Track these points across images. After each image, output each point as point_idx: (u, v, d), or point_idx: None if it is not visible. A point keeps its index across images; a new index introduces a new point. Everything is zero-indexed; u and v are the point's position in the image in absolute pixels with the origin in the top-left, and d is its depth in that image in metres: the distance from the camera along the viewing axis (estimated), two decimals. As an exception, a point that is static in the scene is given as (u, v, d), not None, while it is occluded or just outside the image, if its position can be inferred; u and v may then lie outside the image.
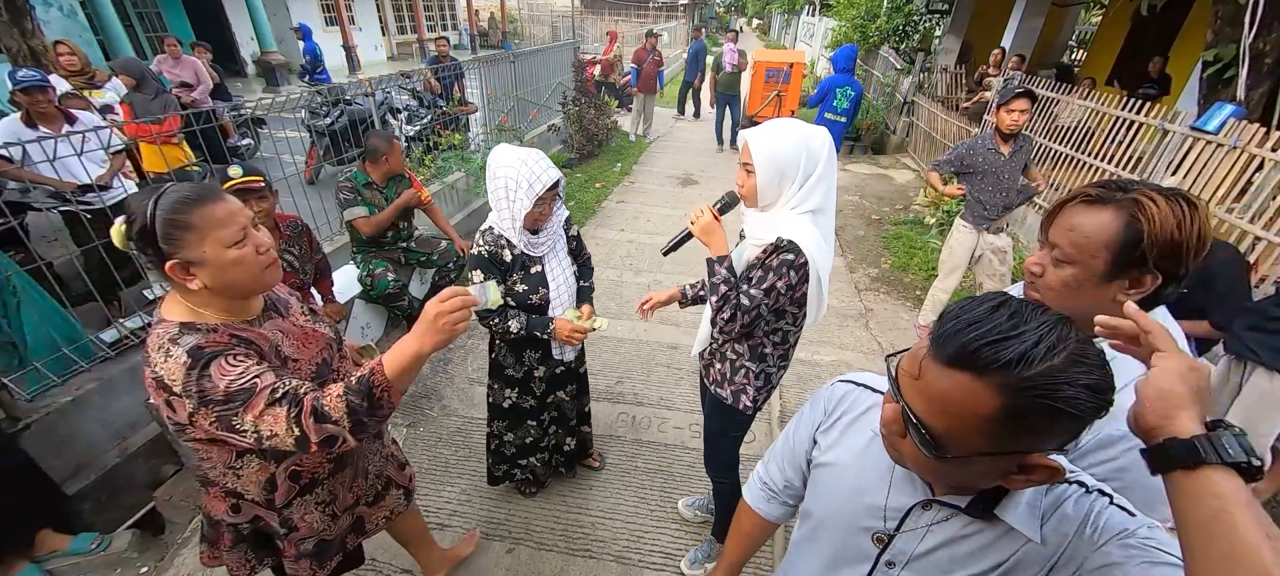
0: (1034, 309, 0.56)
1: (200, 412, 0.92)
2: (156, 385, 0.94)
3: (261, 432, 0.92)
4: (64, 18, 7.24)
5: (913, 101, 7.88)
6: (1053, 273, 0.89)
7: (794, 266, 1.30)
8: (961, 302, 0.60)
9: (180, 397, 0.92)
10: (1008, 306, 0.56)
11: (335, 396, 0.93)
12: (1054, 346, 0.53)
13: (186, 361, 0.92)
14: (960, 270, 3.32)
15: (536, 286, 1.73)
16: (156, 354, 0.94)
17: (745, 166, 1.34)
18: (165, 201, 0.94)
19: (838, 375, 0.95)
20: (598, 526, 2.22)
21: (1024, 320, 0.54)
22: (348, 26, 13.40)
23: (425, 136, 5.54)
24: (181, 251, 0.95)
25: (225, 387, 0.91)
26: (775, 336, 1.50)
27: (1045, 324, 0.54)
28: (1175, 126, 3.71)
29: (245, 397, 0.91)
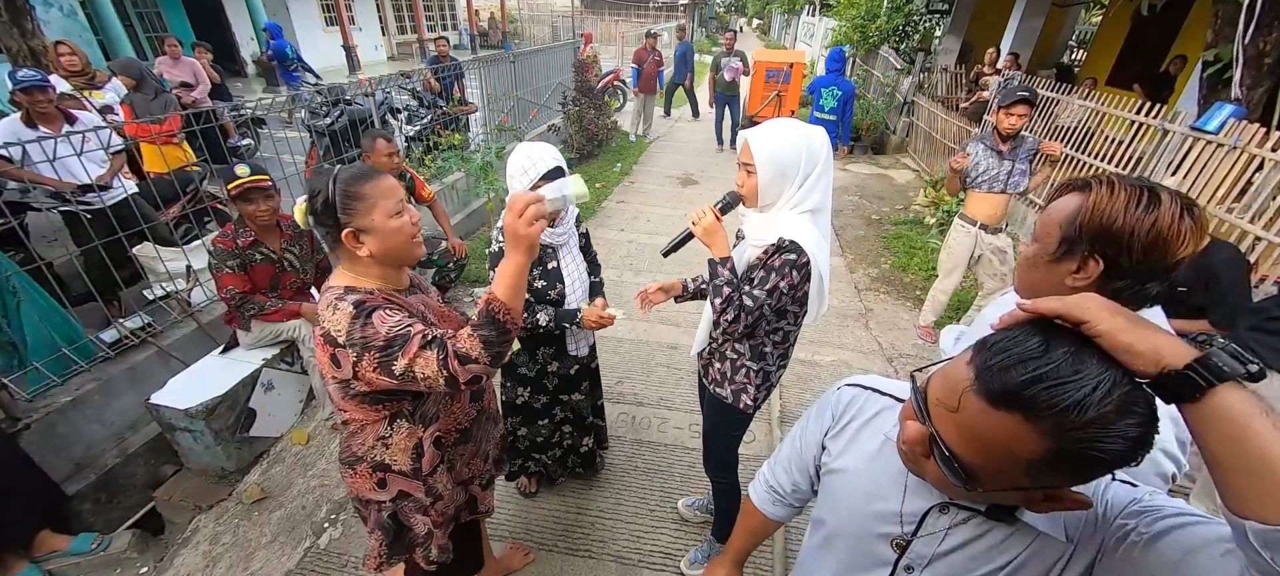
0: (1083, 343, 0.52)
1: (364, 359, 1.02)
2: (324, 340, 1.06)
3: (416, 373, 1.01)
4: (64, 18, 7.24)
5: (913, 101, 7.88)
6: (1023, 249, 0.95)
7: (796, 266, 1.31)
8: (1007, 333, 0.56)
9: (345, 348, 1.03)
10: (1061, 342, 0.52)
11: (467, 336, 1.02)
12: (1109, 392, 0.49)
13: (351, 311, 1.03)
14: (960, 269, 3.32)
15: (553, 282, 1.75)
16: (326, 311, 1.06)
17: (746, 167, 1.34)
18: (342, 176, 1.08)
19: (837, 375, 0.95)
20: (597, 526, 2.22)
21: (1082, 361, 0.51)
22: (348, 26, 13.41)
23: (425, 136, 5.54)
24: (356, 220, 1.08)
25: (385, 333, 1.01)
26: (776, 335, 1.51)
27: (1102, 365, 0.51)
28: (1175, 126, 3.72)
29: (401, 342, 1.01)
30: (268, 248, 2.28)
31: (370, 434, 1.20)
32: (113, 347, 2.43)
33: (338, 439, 2.11)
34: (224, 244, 2.20)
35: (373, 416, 1.18)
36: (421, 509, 1.30)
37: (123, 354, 2.46)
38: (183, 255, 2.81)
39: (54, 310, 2.32)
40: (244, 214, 2.19)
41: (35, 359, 2.19)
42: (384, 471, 1.24)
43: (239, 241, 2.20)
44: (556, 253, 1.76)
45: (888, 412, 0.84)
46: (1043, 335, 0.53)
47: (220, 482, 2.37)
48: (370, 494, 1.27)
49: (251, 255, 2.24)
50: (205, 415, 2.22)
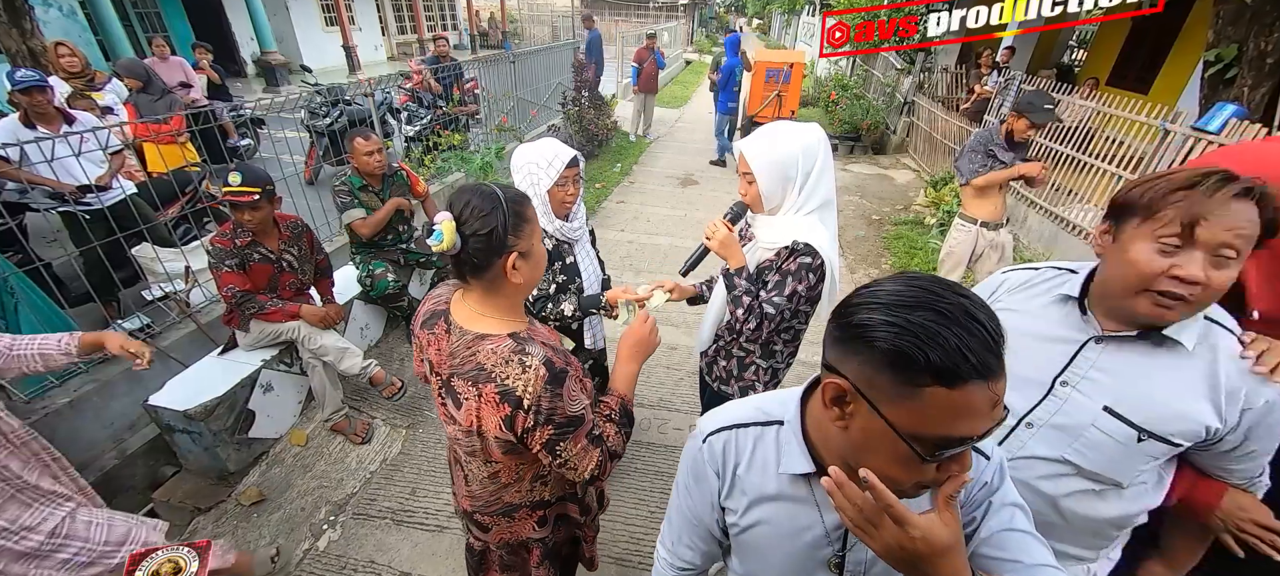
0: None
1: (539, 431, 0.96)
2: (502, 398, 0.94)
3: (570, 463, 1.00)
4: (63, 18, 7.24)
5: (913, 101, 7.88)
6: (1218, 275, 0.80)
7: (812, 269, 1.33)
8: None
9: (525, 412, 0.94)
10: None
11: (613, 433, 1.08)
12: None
13: (545, 375, 0.94)
14: (961, 268, 3.31)
15: (572, 276, 1.75)
16: (506, 367, 0.93)
17: (746, 176, 1.36)
18: (511, 195, 0.99)
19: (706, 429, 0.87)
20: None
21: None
22: (348, 26, 13.41)
23: (425, 136, 5.54)
24: (520, 243, 0.98)
25: (571, 412, 0.97)
26: (787, 334, 1.53)
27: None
28: (1176, 127, 3.71)
29: (576, 427, 0.99)
30: (266, 248, 2.28)
31: (528, 477, 1.14)
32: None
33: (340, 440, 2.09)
34: (222, 243, 2.19)
35: (528, 459, 1.09)
36: (578, 526, 1.31)
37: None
38: (181, 256, 2.80)
39: (52, 311, 2.31)
40: (236, 217, 2.18)
41: (34, 360, 2.19)
42: (545, 508, 1.22)
43: (237, 241, 2.19)
44: (572, 248, 1.76)
45: (765, 438, 0.81)
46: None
47: (219, 484, 2.37)
48: (530, 534, 1.24)
49: (249, 254, 2.23)
50: (204, 416, 2.21)
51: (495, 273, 0.97)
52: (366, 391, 2.87)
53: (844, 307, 0.62)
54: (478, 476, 1.14)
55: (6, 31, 4.09)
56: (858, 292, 0.61)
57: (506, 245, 0.95)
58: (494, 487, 1.15)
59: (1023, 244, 4.87)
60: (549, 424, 0.95)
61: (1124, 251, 0.86)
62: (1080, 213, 4.42)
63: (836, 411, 0.63)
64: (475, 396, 0.96)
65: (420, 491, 2.37)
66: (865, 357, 0.57)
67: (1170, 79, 6.76)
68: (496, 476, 1.12)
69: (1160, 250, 0.82)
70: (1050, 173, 3.06)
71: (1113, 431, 0.93)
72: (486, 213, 0.94)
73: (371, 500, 2.33)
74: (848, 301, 0.62)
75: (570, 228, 1.72)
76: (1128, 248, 0.86)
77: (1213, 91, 3.98)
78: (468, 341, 0.98)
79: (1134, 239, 0.85)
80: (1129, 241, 0.86)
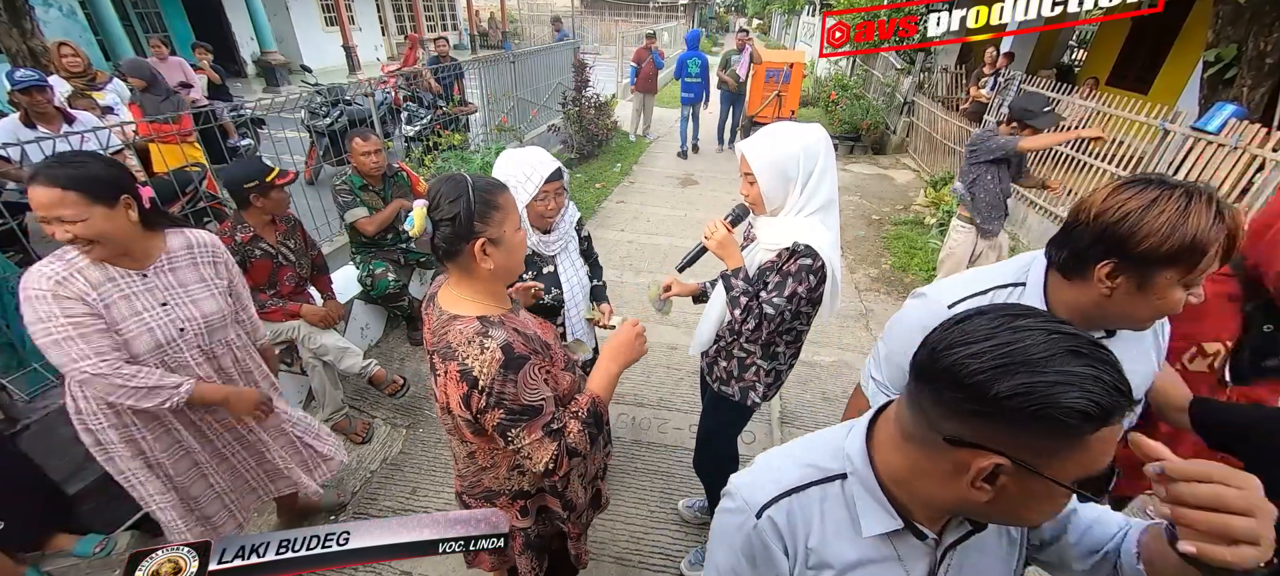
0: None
1: (491, 412, 0.99)
2: (462, 377, 0.98)
3: (524, 451, 1.02)
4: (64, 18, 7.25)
5: (913, 101, 7.88)
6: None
7: (812, 270, 1.32)
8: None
9: (479, 392, 0.97)
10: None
11: (577, 431, 1.08)
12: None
13: (500, 359, 0.96)
14: (961, 268, 3.32)
15: (550, 286, 1.73)
16: (467, 347, 0.98)
17: (747, 177, 1.36)
18: (480, 184, 1.02)
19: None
20: (597, 527, 2.22)
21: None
22: (348, 26, 13.42)
23: (425, 137, 5.54)
24: (489, 229, 1.01)
25: (524, 401, 0.99)
26: (789, 335, 1.53)
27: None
28: (1176, 127, 3.71)
29: (530, 416, 1.01)
30: (266, 243, 2.27)
31: (503, 467, 1.17)
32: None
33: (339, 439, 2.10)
34: (223, 241, 2.19)
35: (506, 450, 1.10)
36: (562, 521, 1.32)
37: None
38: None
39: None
40: (260, 207, 2.19)
41: (35, 360, 2.19)
42: (525, 498, 1.24)
43: (238, 237, 2.19)
44: (553, 259, 1.75)
45: (830, 498, 0.71)
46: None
47: (220, 483, 2.37)
48: (513, 522, 1.25)
49: (251, 251, 2.23)
50: (205, 416, 2.21)
51: (466, 258, 1.01)
52: (367, 391, 2.88)
53: (975, 378, 0.52)
54: (460, 455, 1.19)
55: (7, 31, 4.09)
56: (977, 355, 0.52)
57: (473, 231, 0.99)
58: (474, 469, 1.19)
59: (1023, 244, 4.87)
60: (500, 407, 0.98)
61: (1152, 297, 0.84)
62: (1080, 213, 4.42)
63: (987, 488, 0.56)
64: (443, 373, 1.01)
65: (421, 491, 2.37)
66: (1028, 427, 0.51)
67: (1170, 79, 6.76)
68: (474, 458, 1.16)
69: (1189, 287, 0.84)
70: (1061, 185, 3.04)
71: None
72: (453, 199, 0.98)
73: (372, 499, 2.33)
74: (969, 369, 0.52)
75: (547, 241, 1.71)
76: (1161, 294, 0.83)
77: (1212, 91, 3.99)
78: (444, 321, 1.03)
79: (1171, 288, 0.83)
80: (1166, 289, 0.83)
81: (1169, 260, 0.81)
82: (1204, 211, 0.78)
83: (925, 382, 0.58)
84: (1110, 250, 0.85)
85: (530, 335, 1.09)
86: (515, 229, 1.06)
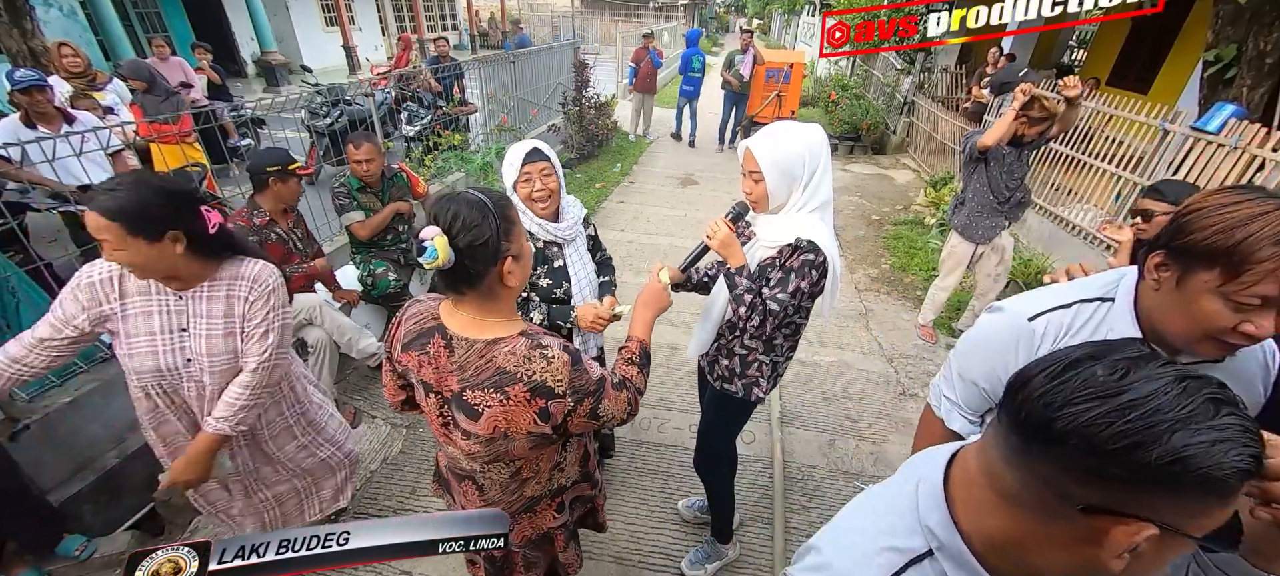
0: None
1: (581, 407, 1.01)
2: (533, 394, 0.95)
3: (606, 413, 1.05)
4: (64, 18, 7.25)
5: (913, 101, 7.88)
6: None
7: (815, 265, 1.35)
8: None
9: (562, 397, 0.98)
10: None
11: (636, 373, 1.16)
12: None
13: (568, 359, 0.98)
14: (961, 269, 3.32)
15: (559, 280, 1.73)
16: (531, 364, 0.96)
17: (752, 175, 1.37)
18: (495, 200, 0.97)
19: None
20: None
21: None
22: (348, 26, 13.41)
23: (425, 137, 5.54)
24: (512, 246, 0.98)
25: (595, 377, 1.03)
26: (788, 329, 1.55)
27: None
28: (1176, 127, 3.71)
29: (602, 385, 1.04)
30: (281, 228, 2.43)
31: (546, 469, 1.17)
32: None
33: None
34: (243, 222, 2.32)
35: (550, 452, 1.15)
36: (589, 500, 1.38)
37: (122, 354, 2.45)
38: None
39: (53, 311, 2.32)
40: (278, 191, 2.35)
41: (35, 359, 2.19)
42: (562, 494, 1.25)
43: (256, 220, 2.34)
44: (562, 250, 1.74)
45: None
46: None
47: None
48: (551, 523, 1.26)
49: (267, 234, 2.37)
50: (205, 416, 2.22)
51: (491, 280, 0.97)
52: (367, 392, 2.88)
53: (1120, 443, 0.45)
54: (497, 481, 1.14)
55: (8, 31, 4.09)
56: (1113, 415, 0.46)
57: (501, 251, 0.95)
58: (515, 486, 1.16)
59: (1023, 244, 4.87)
60: (587, 397, 1.01)
61: (1193, 302, 0.76)
62: (1080, 213, 4.42)
63: (1129, 557, 0.50)
64: (500, 400, 0.95)
65: (421, 491, 2.38)
66: (1184, 491, 0.45)
67: (1170, 79, 6.76)
68: (519, 474, 1.14)
69: (1238, 307, 0.73)
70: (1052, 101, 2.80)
71: None
72: (478, 223, 0.92)
73: (372, 499, 2.33)
74: (1109, 431, 0.46)
75: (558, 228, 1.69)
76: (1199, 299, 0.76)
77: (1212, 91, 3.99)
78: (479, 350, 0.97)
79: (1206, 294, 0.75)
80: (1199, 293, 0.75)
81: (1206, 257, 0.73)
82: (1270, 228, 0.69)
83: (1042, 443, 0.50)
84: (1168, 239, 0.79)
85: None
86: (523, 237, 1.04)
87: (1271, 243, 0.68)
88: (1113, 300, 0.91)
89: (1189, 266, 0.76)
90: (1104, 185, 4.34)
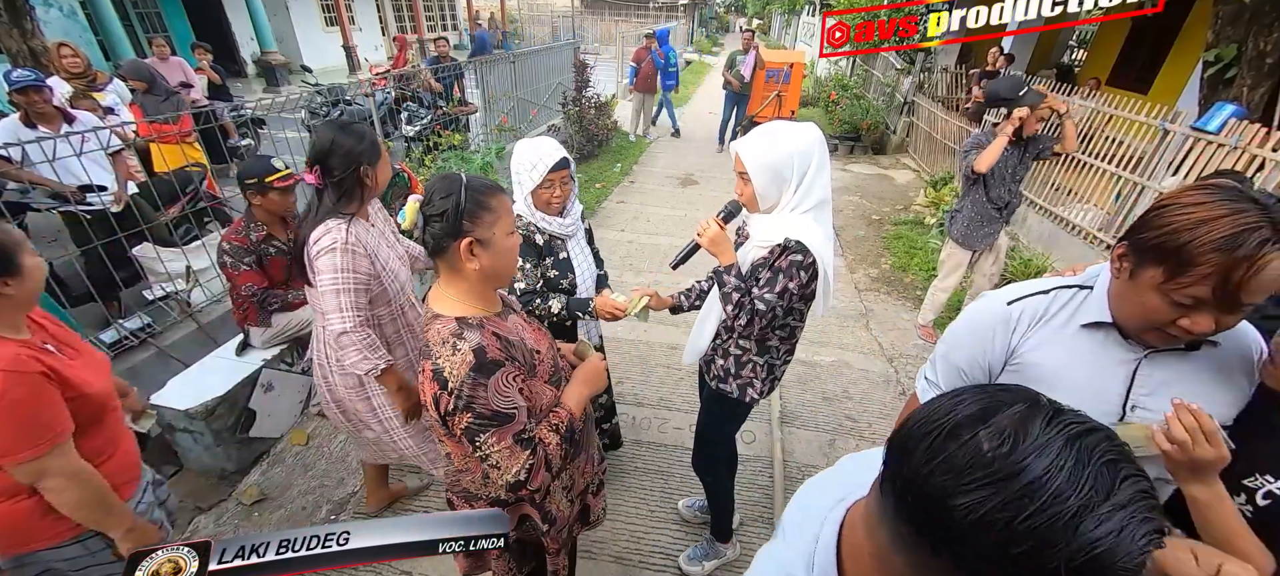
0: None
1: (459, 415, 0.98)
2: (433, 376, 0.99)
3: (492, 459, 1.00)
4: (64, 18, 7.25)
5: (913, 101, 7.88)
6: (1233, 318, 0.78)
7: (803, 266, 1.34)
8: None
9: (448, 394, 0.98)
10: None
11: (554, 445, 1.07)
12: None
13: (471, 361, 0.97)
14: (960, 269, 3.32)
15: (565, 271, 1.76)
16: (442, 347, 0.99)
17: (741, 176, 1.38)
18: (474, 184, 1.03)
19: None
20: (597, 526, 2.22)
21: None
22: (348, 26, 13.42)
23: (425, 137, 5.54)
24: (478, 229, 1.01)
25: (494, 406, 0.98)
26: (783, 331, 1.54)
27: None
28: (1176, 127, 3.71)
29: (500, 423, 0.99)
30: (279, 240, 2.26)
31: (477, 472, 1.16)
32: (112, 348, 2.42)
33: (341, 439, 2.10)
34: (238, 241, 2.16)
35: (475, 459, 1.09)
36: (541, 533, 1.30)
37: (122, 354, 2.46)
38: (182, 256, 2.81)
39: (54, 311, 2.31)
40: (260, 205, 2.15)
41: (35, 359, 2.19)
42: (502, 505, 1.23)
43: (253, 236, 2.17)
44: (566, 243, 1.77)
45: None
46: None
47: (220, 483, 2.37)
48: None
49: (265, 249, 2.22)
50: (205, 416, 2.22)
51: (453, 256, 1.02)
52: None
53: (1028, 545, 0.39)
54: (441, 452, 1.20)
55: (7, 32, 4.09)
56: (1020, 506, 0.39)
57: (461, 230, 1.00)
58: (452, 469, 1.20)
59: (1023, 244, 4.87)
60: (469, 411, 0.97)
61: (1139, 293, 0.82)
62: (1080, 212, 4.42)
63: None
64: (421, 371, 1.03)
65: (421, 491, 2.37)
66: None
67: (1170, 79, 6.76)
68: (450, 458, 1.17)
69: (1174, 304, 0.77)
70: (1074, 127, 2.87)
71: None
72: (444, 196, 1.00)
73: (372, 499, 2.33)
74: (1021, 531, 0.39)
75: (562, 223, 1.73)
76: (1143, 293, 0.81)
77: (1212, 91, 3.99)
78: (427, 320, 1.05)
79: (1149, 288, 0.79)
80: (1145, 287, 0.80)
81: (1155, 254, 0.77)
82: (1222, 229, 0.69)
83: (933, 539, 0.43)
84: (1135, 232, 0.83)
85: (513, 341, 1.08)
86: (507, 233, 1.05)
87: (1212, 248, 0.70)
88: (1091, 288, 0.95)
89: (1141, 261, 0.80)
90: (1104, 185, 4.35)
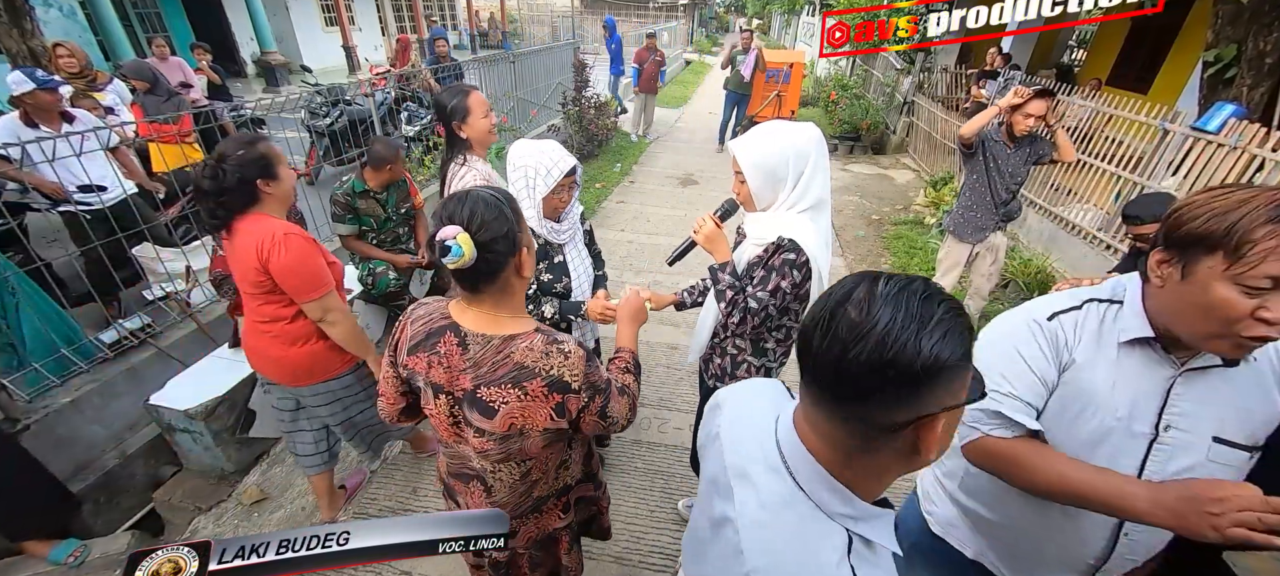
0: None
1: (592, 404, 1.02)
2: (551, 389, 0.97)
3: (615, 416, 1.08)
4: (64, 18, 7.25)
5: (913, 101, 7.88)
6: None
7: (795, 265, 1.33)
8: None
9: (577, 393, 0.99)
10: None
11: (632, 381, 1.17)
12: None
13: (583, 354, 1.00)
14: (958, 267, 3.32)
15: (560, 275, 1.76)
16: (548, 359, 0.98)
17: (738, 175, 1.38)
18: (506, 197, 0.99)
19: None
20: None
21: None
22: (348, 26, 13.41)
23: (425, 136, 5.54)
24: (524, 236, 1.01)
25: (604, 375, 1.05)
26: (779, 332, 1.54)
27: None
28: (1176, 126, 3.71)
29: (608, 387, 1.06)
30: None
31: (552, 468, 1.16)
32: (112, 348, 2.42)
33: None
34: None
35: (558, 448, 1.14)
36: (594, 502, 1.38)
37: (122, 354, 2.46)
38: (182, 255, 2.81)
39: (53, 311, 2.32)
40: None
41: (35, 360, 2.19)
42: (567, 493, 1.25)
43: None
44: (562, 248, 1.77)
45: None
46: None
47: (220, 483, 2.37)
48: (557, 524, 1.25)
49: None
50: (205, 416, 2.22)
51: (508, 273, 0.99)
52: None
53: (896, 371, 0.55)
54: (507, 481, 1.13)
55: (7, 31, 4.09)
56: (883, 347, 0.55)
57: (518, 244, 0.98)
58: (524, 487, 1.15)
59: (1023, 245, 4.87)
60: (598, 393, 1.02)
61: (1202, 293, 0.76)
62: (1080, 213, 4.42)
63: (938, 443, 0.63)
64: (518, 395, 0.96)
65: (421, 490, 2.38)
66: (946, 376, 0.56)
67: (1170, 79, 6.76)
68: (528, 475, 1.13)
69: (1247, 293, 0.72)
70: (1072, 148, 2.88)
71: (1227, 459, 0.87)
72: (495, 217, 0.94)
73: (372, 498, 2.33)
74: (887, 361, 0.55)
75: (559, 229, 1.72)
76: (1208, 289, 0.75)
77: (1212, 91, 3.99)
78: (496, 346, 0.98)
79: (1214, 280, 0.74)
80: (1207, 281, 0.75)
81: (1204, 242, 0.73)
82: (1262, 202, 0.70)
83: (847, 401, 0.60)
84: (1165, 235, 0.80)
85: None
86: (528, 227, 1.06)
87: (1264, 221, 0.70)
88: (1121, 303, 0.92)
89: (1190, 255, 0.77)
90: (1104, 185, 4.34)
